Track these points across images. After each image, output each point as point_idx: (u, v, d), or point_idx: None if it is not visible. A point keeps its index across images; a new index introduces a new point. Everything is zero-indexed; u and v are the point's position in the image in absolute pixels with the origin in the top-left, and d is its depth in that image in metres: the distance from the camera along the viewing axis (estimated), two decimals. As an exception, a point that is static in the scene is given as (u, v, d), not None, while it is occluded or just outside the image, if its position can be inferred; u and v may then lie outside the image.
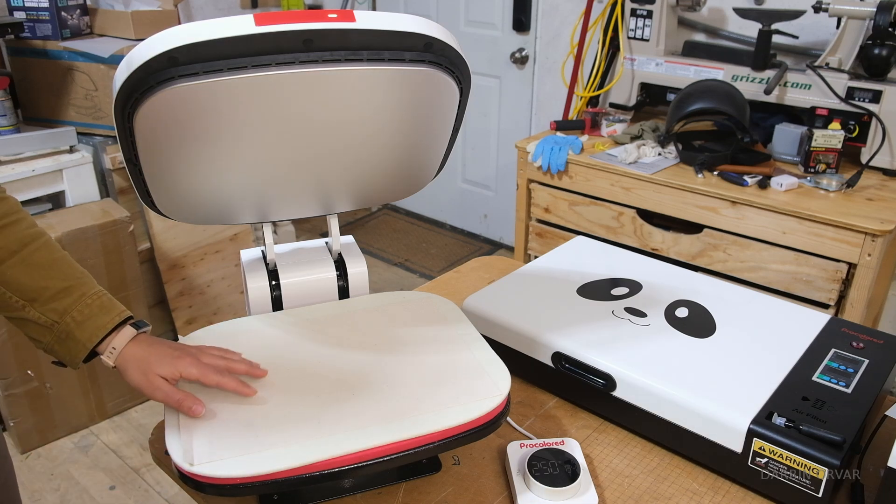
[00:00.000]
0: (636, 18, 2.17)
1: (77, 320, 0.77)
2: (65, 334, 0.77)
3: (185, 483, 0.71)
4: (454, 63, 0.81)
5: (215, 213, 0.97)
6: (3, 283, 0.76)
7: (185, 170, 0.87)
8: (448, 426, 0.74)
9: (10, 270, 0.76)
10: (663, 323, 0.97)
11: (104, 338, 0.78)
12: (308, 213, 1.04)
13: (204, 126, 0.80)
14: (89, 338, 0.78)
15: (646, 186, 1.89)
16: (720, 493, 0.83)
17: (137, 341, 0.80)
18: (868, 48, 1.78)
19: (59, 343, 0.78)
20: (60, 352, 0.78)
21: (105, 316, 0.79)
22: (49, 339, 0.78)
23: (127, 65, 0.72)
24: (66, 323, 0.77)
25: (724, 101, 1.86)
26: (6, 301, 0.77)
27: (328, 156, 0.91)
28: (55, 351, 0.79)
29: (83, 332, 0.77)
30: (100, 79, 2.09)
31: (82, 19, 2.19)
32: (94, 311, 0.78)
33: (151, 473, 2.01)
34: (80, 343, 0.78)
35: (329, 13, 0.73)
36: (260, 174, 0.91)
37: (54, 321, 0.77)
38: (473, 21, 3.04)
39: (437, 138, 0.95)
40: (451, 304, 0.97)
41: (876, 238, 1.56)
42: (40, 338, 0.78)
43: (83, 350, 0.78)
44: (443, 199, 3.49)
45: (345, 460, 0.71)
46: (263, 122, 0.81)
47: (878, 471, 0.83)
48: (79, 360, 0.79)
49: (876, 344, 0.93)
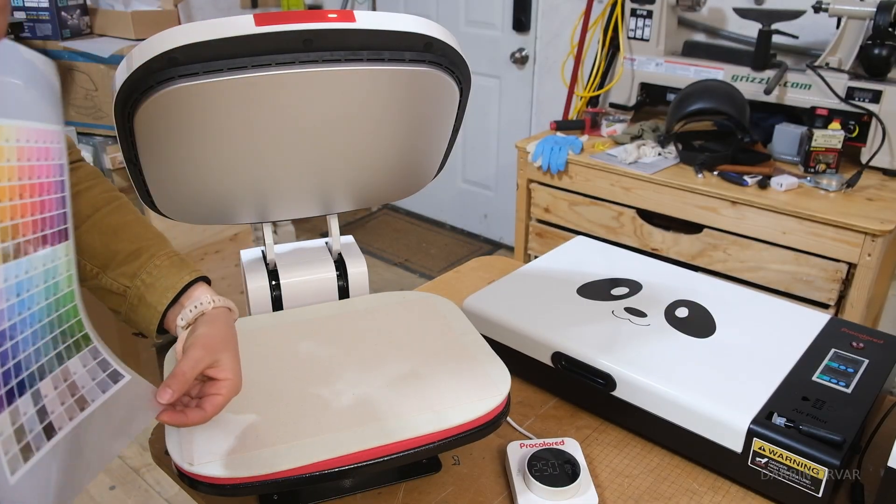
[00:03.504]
0: (636, 18, 2.17)
1: (146, 283, 0.72)
2: (137, 300, 0.72)
3: (184, 483, 0.71)
4: (454, 63, 0.81)
5: (215, 213, 0.97)
6: (79, 252, 0.70)
7: (185, 170, 0.87)
8: (448, 426, 0.74)
9: (84, 236, 0.72)
10: (663, 323, 0.97)
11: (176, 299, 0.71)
12: (308, 213, 1.04)
13: (204, 126, 0.80)
14: (159, 300, 0.71)
15: (646, 186, 1.89)
16: (720, 493, 0.83)
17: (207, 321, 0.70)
18: (868, 48, 1.78)
19: (132, 310, 0.72)
20: (135, 320, 0.73)
21: (174, 275, 0.72)
22: (124, 307, 0.73)
23: (127, 65, 0.72)
24: (136, 287, 0.72)
25: (724, 101, 1.86)
26: (83, 270, 0.72)
27: (328, 156, 0.91)
28: (131, 320, 0.73)
29: (153, 294, 0.71)
30: (100, 79, 2.09)
31: (82, 19, 2.19)
32: (163, 271, 0.72)
33: (151, 473, 2.01)
34: (152, 307, 0.72)
35: (329, 13, 0.73)
36: (260, 174, 0.91)
37: (126, 286, 0.72)
38: (473, 21, 3.04)
39: (437, 138, 0.95)
40: (451, 304, 0.97)
41: (876, 238, 1.56)
42: (118, 307, 0.73)
43: (155, 314, 0.72)
44: (443, 199, 3.49)
45: (345, 460, 0.71)
46: (263, 122, 0.81)
47: (878, 471, 0.83)
48: (153, 327, 0.72)
49: (876, 344, 0.93)
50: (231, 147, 0.84)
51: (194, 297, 0.73)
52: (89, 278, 0.74)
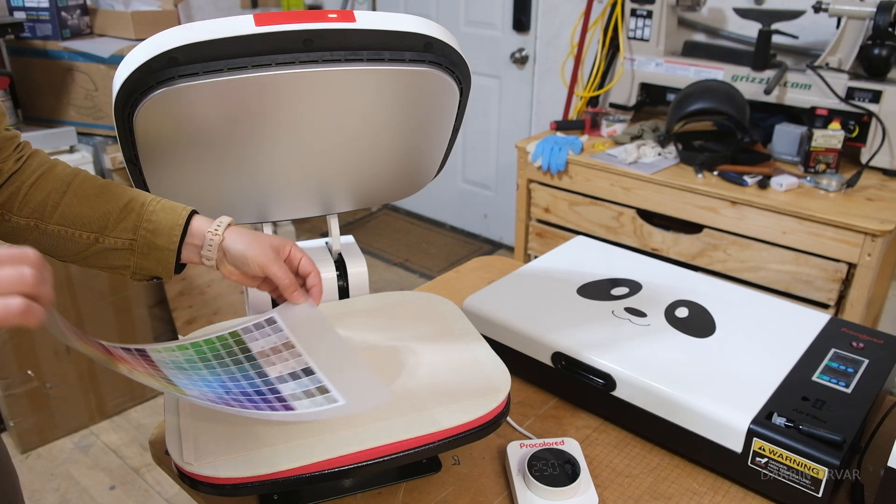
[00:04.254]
0: (636, 18, 2.17)
1: (149, 230, 0.75)
2: (146, 248, 0.76)
3: (184, 483, 0.71)
4: (454, 63, 0.81)
5: (215, 213, 0.97)
6: (68, 224, 0.74)
7: (185, 170, 0.87)
8: (448, 426, 0.74)
9: (68, 208, 0.74)
10: (663, 323, 0.97)
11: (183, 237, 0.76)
12: (308, 213, 1.04)
13: (204, 126, 0.80)
14: (169, 242, 0.76)
15: (646, 186, 1.89)
16: (720, 493, 0.83)
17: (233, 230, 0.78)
18: (868, 48, 1.78)
19: (144, 258, 0.76)
20: (150, 266, 0.77)
21: (170, 216, 0.76)
22: (134, 259, 0.76)
23: (127, 65, 0.72)
24: (141, 237, 0.75)
25: (724, 101, 1.86)
26: (77, 241, 0.75)
27: (328, 156, 0.91)
28: (145, 268, 0.77)
29: (161, 238, 0.75)
30: (100, 79, 2.09)
31: (82, 19, 2.19)
32: (160, 215, 0.76)
33: (151, 473, 2.01)
34: (164, 249, 0.76)
35: (329, 13, 0.74)
36: (260, 174, 0.91)
37: (131, 239, 0.75)
38: (473, 21, 3.04)
39: (437, 138, 0.95)
40: (451, 304, 0.97)
41: (876, 238, 1.56)
42: (125, 262, 0.76)
43: (170, 254, 0.76)
44: (443, 199, 3.49)
45: (345, 460, 0.71)
46: (263, 122, 0.81)
47: (878, 471, 0.83)
48: (171, 266, 0.77)
49: (876, 344, 0.93)
50: (231, 147, 0.84)
51: (199, 230, 0.77)
52: (88, 246, 0.75)
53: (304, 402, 0.69)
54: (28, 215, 0.74)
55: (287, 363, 0.73)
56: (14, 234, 0.75)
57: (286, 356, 0.73)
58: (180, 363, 0.72)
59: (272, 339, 0.76)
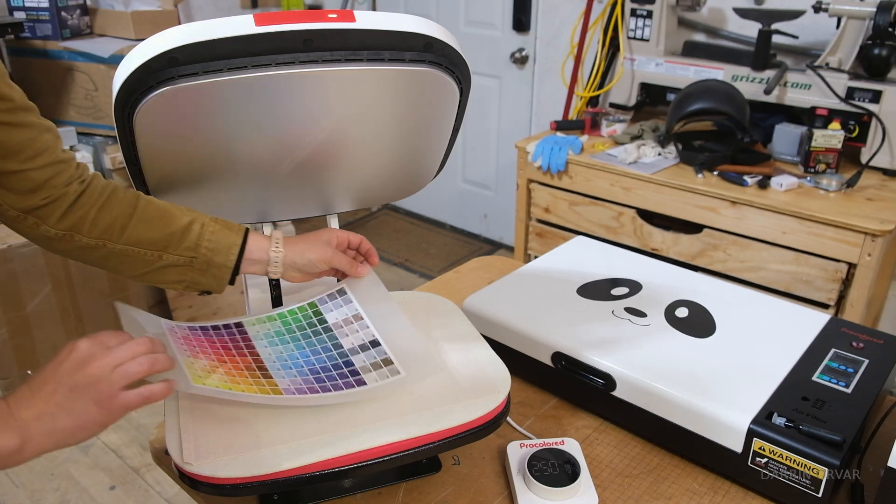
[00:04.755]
0: (636, 18, 2.17)
1: (210, 248, 0.81)
2: (205, 264, 0.81)
3: (185, 483, 0.71)
4: (454, 63, 0.81)
5: (215, 213, 0.97)
6: (134, 243, 0.79)
7: (185, 170, 0.87)
8: (448, 426, 0.74)
9: (135, 230, 0.79)
10: (663, 323, 0.97)
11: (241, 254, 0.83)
12: (308, 213, 1.04)
13: (204, 126, 0.80)
14: (226, 260, 0.82)
15: (646, 186, 1.89)
16: (720, 493, 0.83)
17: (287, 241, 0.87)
18: (868, 48, 1.78)
19: (202, 274, 0.82)
20: (205, 281, 0.83)
21: (229, 236, 0.83)
22: (191, 274, 0.82)
23: (127, 65, 0.72)
24: (201, 254, 0.81)
25: (724, 101, 1.85)
26: (143, 258, 0.80)
27: (328, 155, 0.91)
28: (200, 282, 0.83)
29: (219, 255, 0.82)
30: (100, 79, 2.09)
31: (82, 19, 2.19)
32: (218, 235, 0.82)
33: (151, 473, 2.01)
34: (222, 266, 0.82)
35: (329, 13, 0.73)
36: (260, 174, 0.91)
37: (191, 257, 0.81)
38: (473, 21, 3.04)
39: (437, 138, 0.95)
40: (451, 304, 0.97)
41: (876, 238, 1.56)
42: (182, 277, 0.82)
43: (227, 271, 0.83)
44: (443, 199, 3.49)
45: (345, 460, 0.71)
46: (263, 122, 0.81)
47: (878, 471, 0.83)
48: (224, 282, 0.83)
49: (876, 344, 0.93)
50: (231, 147, 0.84)
51: (258, 247, 0.85)
52: (151, 263, 0.81)
53: (373, 375, 0.78)
54: (97, 237, 0.78)
55: (357, 335, 0.83)
56: (81, 253, 0.79)
57: (356, 328, 0.84)
58: (271, 335, 0.84)
59: (343, 310, 0.87)
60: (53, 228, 0.76)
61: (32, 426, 0.59)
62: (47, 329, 1.95)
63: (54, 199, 0.75)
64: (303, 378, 0.77)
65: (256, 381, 0.76)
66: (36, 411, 0.60)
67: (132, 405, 0.63)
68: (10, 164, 0.71)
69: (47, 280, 1.90)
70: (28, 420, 0.59)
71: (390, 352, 0.80)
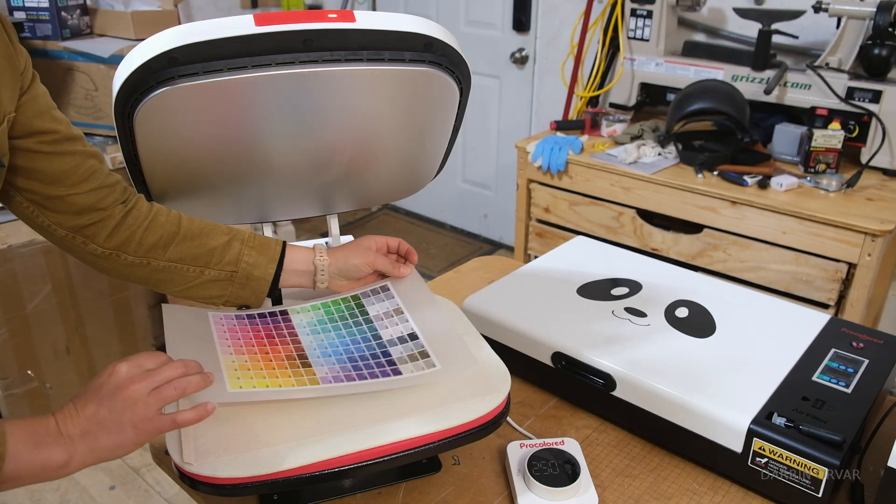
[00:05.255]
0: (636, 18, 2.17)
1: (250, 263, 0.85)
2: (244, 278, 0.85)
3: (185, 483, 0.71)
4: (454, 63, 0.81)
5: (215, 213, 0.97)
6: (178, 260, 0.83)
7: (185, 170, 0.87)
8: (448, 426, 0.74)
9: (179, 248, 0.83)
10: (663, 323, 0.97)
11: (279, 268, 0.87)
12: (308, 213, 1.04)
13: (204, 126, 0.80)
14: (266, 274, 0.86)
15: (646, 186, 1.89)
16: (720, 493, 0.83)
17: (329, 250, 0.91)
18: (868, 48, 1.78)
19: (241, 288, 0.86)
20: (244, 295, 0.86)
21: (269, 250, 0.87)
22: (232, 288, 0.86)
23: (127, 65, 0.72)
24: (242, 269, 0.85)
25: (724, 101, 1.85)
26: (185, 274, 0.84)
27: (328, 156, 0.91)
28: (240, 296, 0.86)
29: (259, 269, 0.86)
30: (100, 79, 2.09)
31: (82, 19, 2.19)
32: (257, 249, 0.86)
33: (151, 473, 2.01)
34: (262, 280, 0.86)
35: (329, 13, 0.73)
36: (260, 174, 0.91)
37: (232, 272, 0.85)
38: (473, 21, 3.04)
39: (437, 138, 0.95)
40: (451, 304, 0.97)
41: (876, 238, 1.56)
42: (223, 292, 0.86)
43: (265, 285, 0.87)
44: (443, 199, 3.49)
45: (345, 460, 0.71)
46: (263, 121, 0.81)
47: (878, 471, 0.83)
48: (263, 295, 0.88)
49: (876, 344, 0.93)
50: (231, 147, 0.84)
51: (301, 258, 0.89)
52: (194, 279, 0.84)
53: (409, 367, 0.80)
54: (142, 255, 0.82)
55: (396, 327, 0.86)
56: (126, 270, 0.82)
57: (396, 321, 0.87)
58: (314, 324, 0.87)
59: (385, 304, 0.90)
60: (101, 247, 0.79)
61: (77, 443, 0.63)
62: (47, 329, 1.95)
63: (100, 219, 0.78)
64: (340, 366, 0.80)
65: (295, 372, 0.78)
66: (80, 429, 0.63)
67: (165, 428, 0.66)
68: (57, 189, 0.75)
69: (47, 280, 1.90)
70: (73, 437, 0.63)
71: (427, 345, 0.83)
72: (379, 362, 0.80)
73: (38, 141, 0.72)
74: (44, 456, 0.61)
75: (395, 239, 0.95)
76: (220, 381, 0.74)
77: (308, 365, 0.80)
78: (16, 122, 0.70)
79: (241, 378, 0.76)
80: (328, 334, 0.85)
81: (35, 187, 0.74)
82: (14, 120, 0.70)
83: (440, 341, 0.83)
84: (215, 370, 0.75)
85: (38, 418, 0.63)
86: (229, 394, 0.73)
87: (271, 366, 0.79)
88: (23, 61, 0.71)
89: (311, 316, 0.88)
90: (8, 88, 0.68)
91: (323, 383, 0.77)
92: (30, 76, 0.73)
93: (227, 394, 0.73)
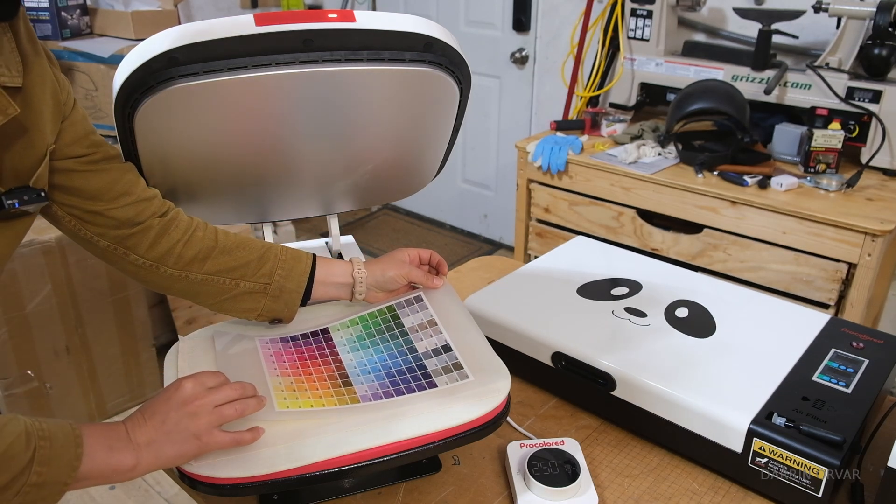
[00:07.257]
0: (636, 18, 2.17)
1: (282, 275, 0.87)
2: (278, 291, 0.87)
3: (184, 483, 0.71)
4: (454, 63, 0.81)
5: (215, 213, 0.97)
6: (214, 272, 0.84)
7: (185, 170, 0.87)
8: (448, 426, 0.74)
9: (216, 261, 0.84)
10: (663, 323, 0.97)
11: (310, 279, 0.88)
12: (308, 213, 1.04)
13: (204, 126, 0.80)
14: (298, 286, 0.88)
15: (646, 186, 1.89)
16: (720, 493, 0.83)
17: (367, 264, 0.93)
18: (868, 48, 1.78)
19: (274, 301, 0.87)
20: (277, 308, 0.88)
21: (300, 263, 0.88)
22: (265, 301, 0.87)
23: (127, 65, 0.72)
24: (275, 282, 0.86)
25: (724, 101, 1.85)
26: (221, 287, 0.85)
27: (328, 155, 0.91)
28: (272, 309, 0.88)
29: (291, 282, 0.87)
30: (100, 79, 2.09)
31: (82, 19, 2.19)
32: (291, 263, 0.88)
33: (151, 473, 2.01)
34: (294, 292, 0.88)
35: (329, 13, 0.73)
36: (260, 174, 0.91)
37: (266, 284, 0.86)
38: (473, 21, 3.04)
39: (437, 138, 0.95)
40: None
41: (876, 238, 1.56)
42: (256, 304, 0.87)
43: (297, 297, 0.88)
44: (443, 199, 3.49)
45: (345, 460, 0.71)
46: (263, 121, 0.81)
47: (878, 471, 0.83)
48: (295, 308, 0.89)
49: (876, 344, 0.93)
50: (231, 147, 0.84)
51: (339, 270, 0.91)
52: (229, 291, 0.86)
53: (443, 378, 0.80)
54: (181, 268, 0.83)
55: (431, 339, 0.87)
56: (164, 282, 0.84)
57: (430, 332, 0.88)
58: (353, 341, 0.88)
59: (419, 315, 0.91)
60: (142, 258, 0.81)
61: (143, 449, 0.67)
62: (47, 329, 1.95)
63: (140, 230, 0.80)
64: (379, 382, 0.81)
65: (337, 392, 0.79)
66: (147, 437, 0.68)
67: (224, 445, 0.70)
68: (96, 205, 0.77)
69: (47, 280, 1.90)
70: (141, 444, 0.68)
71: (460, 356, 0.83)
72: (415, 375, 0.82)
73: (77, 161, 0.75)
74: (116, 459, 0.66)
75: (427, 251, 0.97)
76: (269, 402, 0.76)
77: (349, 384, 0.81)
78: (55, 148, 0.72)
79: (288, 398, 0.78)
80: (367, 350, 0.87)
81: (75, 202, 0.76)
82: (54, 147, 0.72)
83: (472, 353, 0.84)
84: (264, 391, 0.78)
85: (109, 424, 0.68)
86: (277, 413, 0.75)
87: (315, 386, 0.80)
88: (65, 93, 0.73)
89: (351, 332, 0.90)
90: (50, 122, 0.70)
91: (363, 401, 0.78)
92: (71, 104, 0.75)
93: (275, 413, 0.75)
